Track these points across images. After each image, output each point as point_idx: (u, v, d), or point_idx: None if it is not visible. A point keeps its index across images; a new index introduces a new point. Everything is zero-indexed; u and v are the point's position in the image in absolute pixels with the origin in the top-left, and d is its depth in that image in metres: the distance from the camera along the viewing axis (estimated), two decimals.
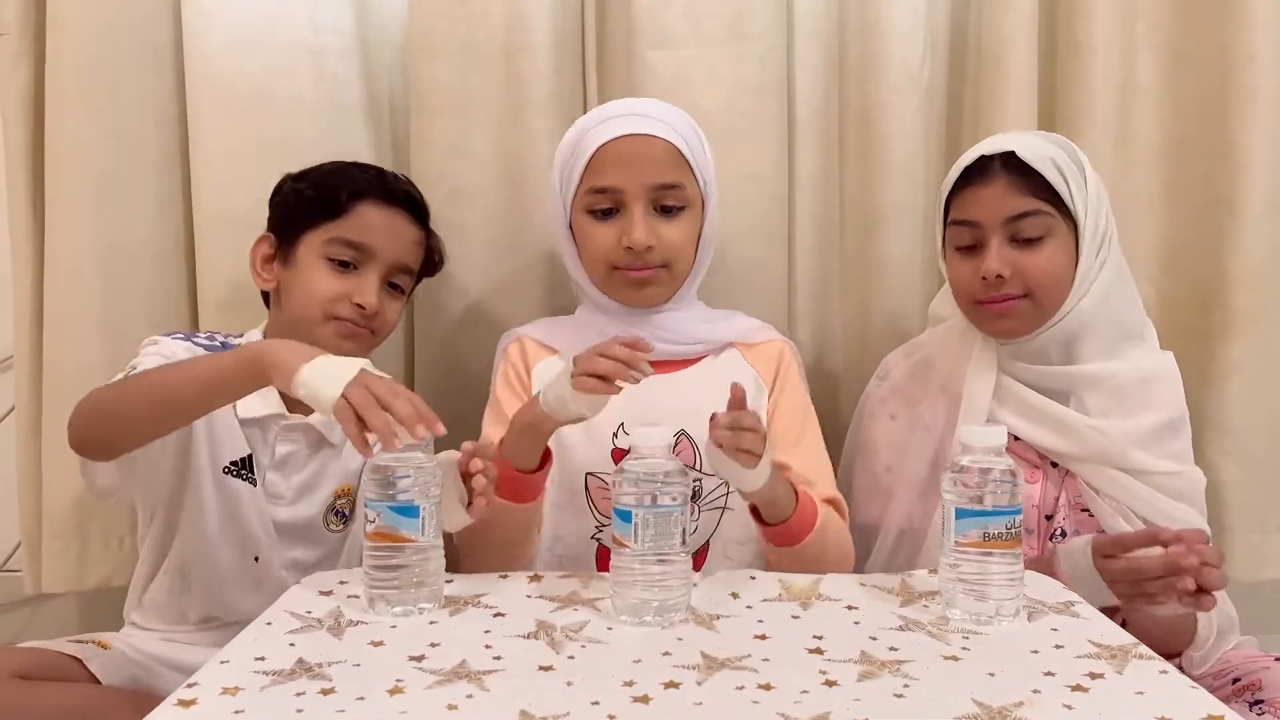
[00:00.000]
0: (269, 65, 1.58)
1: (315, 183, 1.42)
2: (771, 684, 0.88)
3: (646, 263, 1.35)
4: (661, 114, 1.36)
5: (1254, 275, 1.59)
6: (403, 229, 1.44)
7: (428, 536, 1.05)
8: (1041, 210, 1.30)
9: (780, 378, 1.41)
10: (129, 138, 1.55)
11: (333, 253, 1.39)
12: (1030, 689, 0.86)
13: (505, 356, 1.44)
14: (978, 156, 1.34)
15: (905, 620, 1.03)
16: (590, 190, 1.35)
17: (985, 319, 1.36)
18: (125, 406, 1.21)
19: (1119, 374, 1.35)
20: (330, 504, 1.44)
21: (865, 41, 1.62)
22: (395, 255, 1.42)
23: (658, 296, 1.39)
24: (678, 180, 1.35)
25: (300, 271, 1.39)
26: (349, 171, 1.44)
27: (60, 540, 1.59)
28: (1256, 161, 1.57)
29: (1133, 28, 1.62)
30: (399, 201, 1.44)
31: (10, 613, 1.85)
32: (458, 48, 1.58)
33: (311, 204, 1.40)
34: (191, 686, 0.87)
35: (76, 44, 1.52)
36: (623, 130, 1.33)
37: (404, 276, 1.45)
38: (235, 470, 1.37)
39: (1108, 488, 1.33)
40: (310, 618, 1.04)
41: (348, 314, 1.38)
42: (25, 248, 1.58)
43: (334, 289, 1.38)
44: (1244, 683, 1.29)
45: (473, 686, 0.87)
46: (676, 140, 1.34)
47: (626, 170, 1.33)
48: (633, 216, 1.33)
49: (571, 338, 1.39)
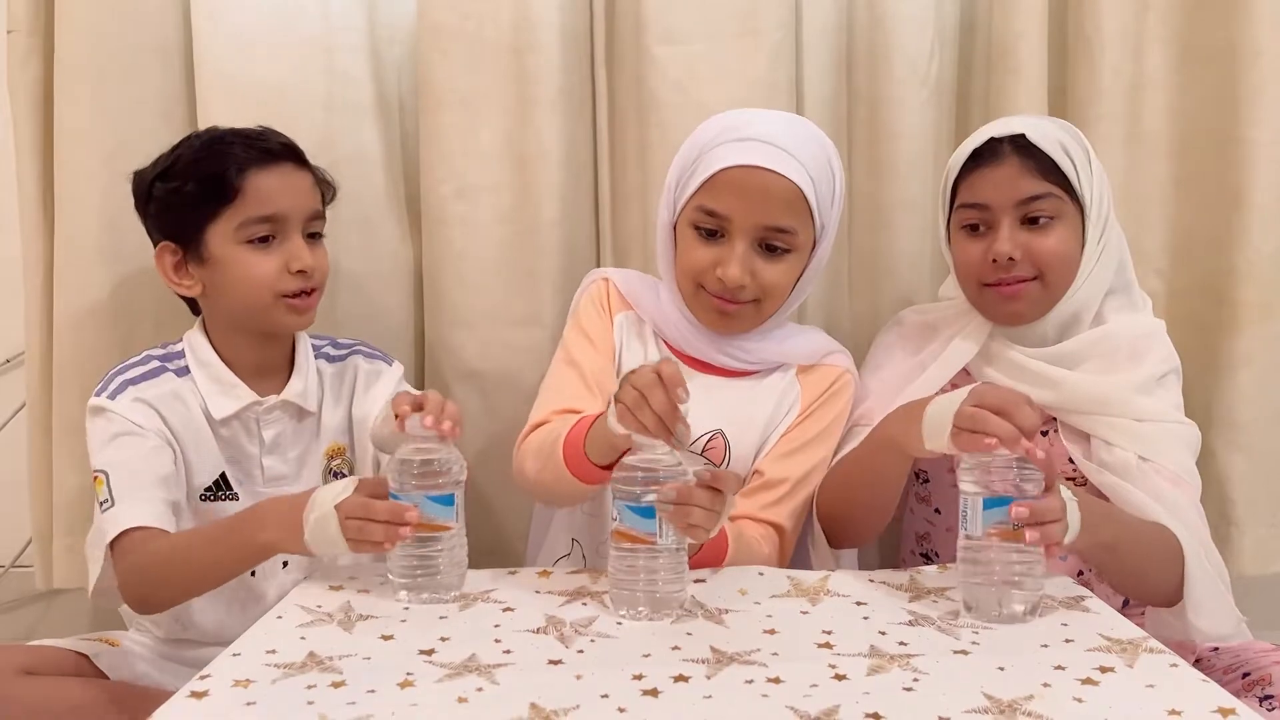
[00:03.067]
0: (278, 62, 1.58)
1: (191, 173, 1.34)
2: (781, 678, 0.88)
3: (736, 298, 1.31)
4: (798, 147, 1.28)
5: (1262, 269, 1.58)
6: (297, 180, 1.38)
7: (460, 523, 1.10)
8: (1052, 193, 1.29)
9: (820, 400, 1.38)
10: (138, 134, 1.55)
11: (249, 234, 1.33)
12: (1040, 682, 0.87)
13: (592, 291, 1.44)
14: (987, 139, 1.32)
15: (914, 615, 1.04)
16: (700, 208, 1.30)
17: (993, 303, 1.35)
18: (161, 589, 1.26)
19: (1109, 335, 1.34)
20: (326, 467, 1.44)
21: (873, 34, 1.61)
22: (304, 208, 1.37)
23: (737, 328, 1.36)
24: (791, 225, 1.29)
25: (224, 265, 1.34)
26: (217, 148, 1.36)
27: (70, 536, 1.59)
28: (1265, 156, 1.56)
29: (1143, 22, 1.61)
30: (280, 156, 1.37)
31: (23, 608, 1.85)
32: (467, 45, 1.58)
33: (199, 197, 1.33)
34: (204, 679, 0.88)
35: (86, 41, 1.52)
36: (750, 160, 1.26)
37: (317, 222, 1.41)
38: (212, 495, 1.37)
39: (1113, 436, 1.29)
40: (320, 611, 1.05)
41: (292, 286, 1.35)
42: (36, 244, 1.58)
43: (268, 267, 1.33)
44: (1254, 677, 1.29)
45: (483, 680, 0.88)
46: (803, 182, 1.27)
47: (741, 202, 1.27)
48: (734, 250, 1.28)
49: (653, 309, 1.40)
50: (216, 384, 1.36)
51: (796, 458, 1.35)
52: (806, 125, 1.36)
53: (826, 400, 1.38)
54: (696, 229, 1.31)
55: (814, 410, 1.38)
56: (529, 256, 1.61)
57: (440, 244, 1.62)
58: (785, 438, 1.36)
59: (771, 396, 1.38)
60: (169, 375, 1.36)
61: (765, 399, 1.38)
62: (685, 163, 1.34)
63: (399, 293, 1.67)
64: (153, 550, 1.23)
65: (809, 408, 1.38)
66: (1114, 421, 1.30)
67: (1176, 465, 1.29)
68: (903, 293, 1.64)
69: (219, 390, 1.36)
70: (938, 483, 1.44)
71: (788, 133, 1.30)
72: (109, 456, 1.29)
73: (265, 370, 1.40)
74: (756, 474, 1.35)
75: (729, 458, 1.35)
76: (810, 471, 1.35)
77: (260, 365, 1.39)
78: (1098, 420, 1.31)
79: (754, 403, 1.37)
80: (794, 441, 1.36)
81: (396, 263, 1.67)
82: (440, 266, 1.63)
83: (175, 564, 1.23)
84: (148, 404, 1.32)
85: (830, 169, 1.33)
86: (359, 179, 1.59)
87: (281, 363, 1.42)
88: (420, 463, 1.09)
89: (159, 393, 1.34)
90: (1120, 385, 1.31)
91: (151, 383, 1.34)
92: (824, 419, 1.38)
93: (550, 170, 1.58)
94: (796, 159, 1.27)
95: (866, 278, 1.67)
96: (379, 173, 1.64)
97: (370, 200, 1.62)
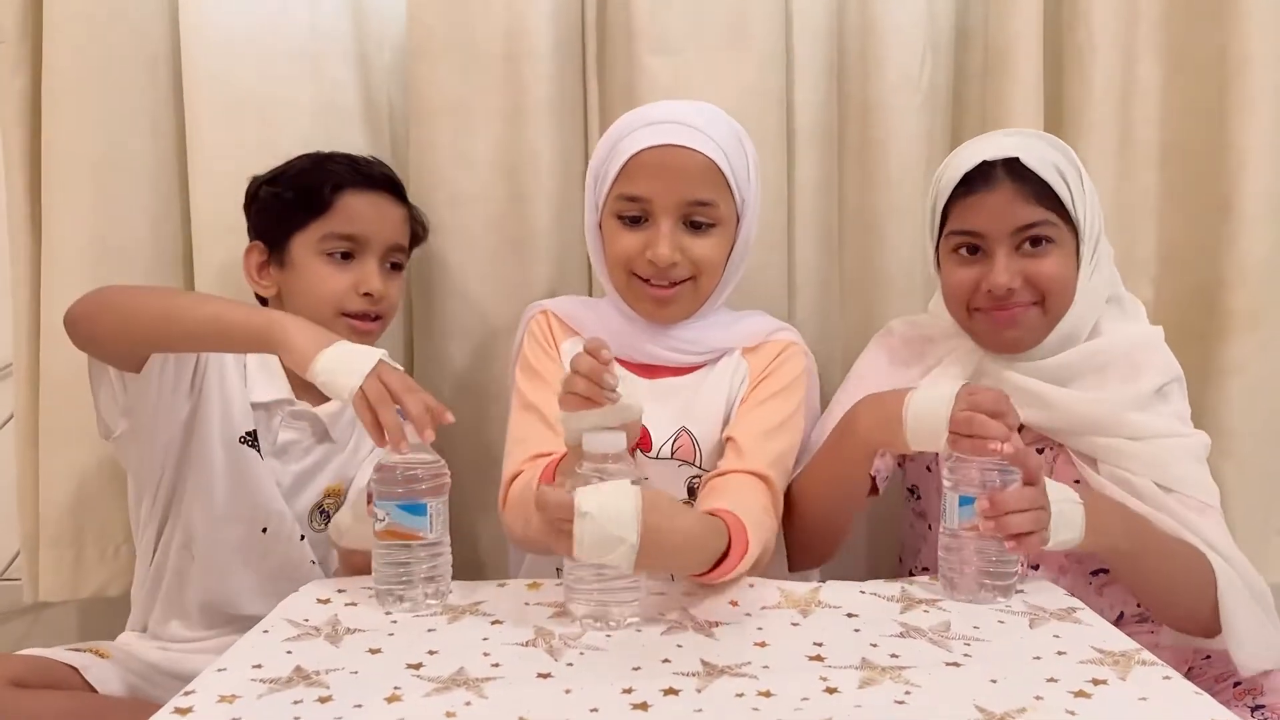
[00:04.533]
0: (267, 70, 1.57)
1: (292, 183, 1.43)
2: (772, 691, 0.87)
3: (670, 278, 1.32)
4: (705, 124, 1.31)
5: (1252, 277, 1.58)
6: (388, 210, 1.45)
7: (435, 533, 1.08)
8: (1048, 219, 1.26)
9: (769, 369, 1.38)
10: (126, 144, 1.55)
11: (329, 248, 1.40)
12: (1033, 695, 0.86)
13: (532, 328, 1.44)
14: (979, 162, 1.28)
15: (906, 627, 1.03)
16: (620, 196, 1.32)
17: (987, 330, 1.31)
18: (131, 312, 1.24)
19: (1103, 349, 1.32)
20: (318, 501, 1.44)
21: (865, 42, 1.61)
22: (387, 237, 1.44)
23: (678, 315, 1.37)
24: (711, 198, 1.30)
25: (300, 272, 1.40)
26: (323, 165, 1.44)
27: (56, 548, 1.58)
28: (1254, 164, 1.56)
29: (1135, 31, 1.61)
30: (378, 184, 1.45)
31: (11, 621, 1.84)
32: (457, 52, 1.57)
33: (294, 205, 1.41)
34: (189, 694, 0.87)
35: (73, 50, 1.52)
36: (660, 139, 1.29)
37: (399, 254, 1.48)
38: (249, 440, 1.38)
39: (1109, 457, 1.27)
40: (308, 625, 1.04)
41: (357, 307, 1.40)
42: (24, 254, 1.57)
43: (339, 283, 1.40)
44: (1245, 686, 1.29)
45: (471, 694, 0.87)
46: (716, 155, 1.29)
47: (659, 182, 1.29)
48: (660, 230, 1.30)
49: (595, 325, 1.39)
50: (264, 370, 1.40)
51: (759, 413, 1.34)
52: (715, 108, 1.36)
53: (776, 368, 1.38)
54: (620, 218, 1.33)
55: (765, 376, 1.37)
56: (520, 266, 1.60)
57: (431, 253, 1.61)
58: (744, 403, 1.36)
59: (724, 381, 1.38)
60: None
61: (719, 386, 1.38)
62: (600, 159, 1.36)
63: None
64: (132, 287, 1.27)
65: (759, 376, 1.37)
66: (1111, 442, 1.28)
67: (1195, 488, 1.27)
68: (895, 300, 1.63)
69: (265, 376, 1.39)
70: (930, 499, 1.42)
71: (694, 112, 1.32)
72: None
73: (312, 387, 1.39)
74: (727, 441, 1.33)
75: (699, 453, 1.35)
76: (780, 425, 1.33)
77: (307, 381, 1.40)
78: (1094, 442, 1.29)
79: (709, 392, 1.37)
80: (753, 401, 1.35)
81: None
82: (431, 276, 1.62)
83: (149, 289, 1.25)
84: None
85: (742, 145, 1.35)
86: None
87: None
88: (386, 467, 1.08)
89: None
90: (1113, 403, 1.28)
91: None
92: (780, 380, 1.37)
93: (541, 179, 1.58)
94: (705, 134, 1.30)
95: (858, 286, 1.67)
96: None
97: None
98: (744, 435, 1.31)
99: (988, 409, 1.10)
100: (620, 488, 1.00)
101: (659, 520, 1.00)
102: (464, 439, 1.55)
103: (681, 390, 1.38)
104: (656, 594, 1.11)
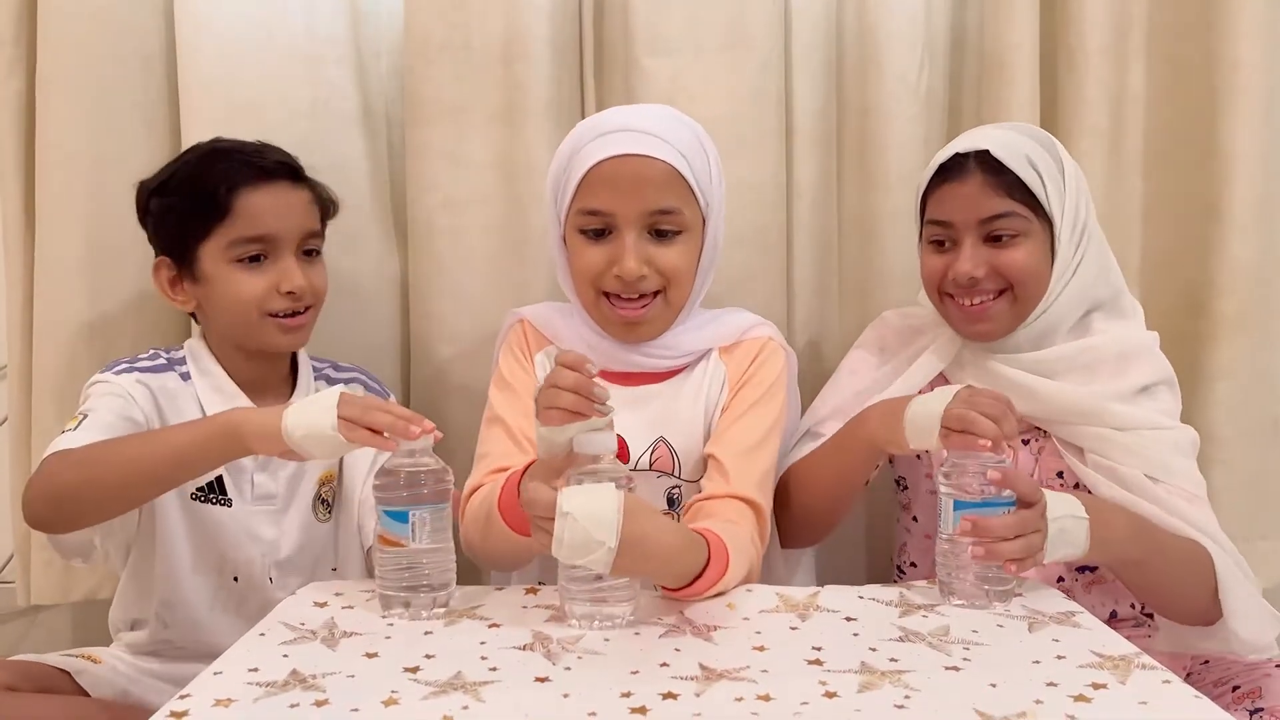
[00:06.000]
0: (262, 73, 1.57)
1: (183, 189, 1.34)
2: (771, 695, 0.87)
3: (639, 290, 1.29)
4: (663, 129, 1.27)
5: (1240, 281, 1.59)
6: (291, 198, 1.36)
7: (418, 542, 1.07)
8: (1015, 213, 1.27)
9: (749, 372, 1.35)
10: (121, 147, 1.54)
11: (239, 254, 1.32)
12: (1033, 699, 0.86)
13: (509, 336, 1.42)
14: (953, 154, 1.31)
15: (905, 631, 1.03)
16: (581, 211, 1.28)
17: (961, 321, 1.33)
18: (93, 483, 1.16)
19: (1092, 347, 1.32)
20: (316, 493, 1.43)
21: (863, 46, 1.62)
22: (297, 228, 1.36)
23: (648, 335, 1.34)
24: (674, 205, 1.27)
25: (215, 284, 1.34)
26: (212, 164, 1.34)
27: (47, 551, 1.57)
28: (1242, 168, 1.57)
29: (1127, 38, 1.62)
30: (274, 174, 1.35)
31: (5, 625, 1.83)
32: (455, 55, 1.57)
33: (190, 214, 1.32)
34: (184, 698, 0.86)
35: (68, 52, 1.51)
36: (618, 149, 1.25)
37: (313, 240, 1.40)
38: (204, 496, 1.35)
39: (1095, 446, 1.28)
40: (304, 629, 1.03)
41: (282, 306, 1.34)
42: (17, 258, 1.57)
43: (257, 287, 1.33)
44: (1243, 690, 1.29)
45: (468, 698, 0.87)
46: (676, 160, 1.26)
47: (619, 194, 1.26)
48: (624, 243, 1.26)
49: (570, 334, 1.37)
50: (219, 394, 1.36)
51: (741, 426, 1.31)
52: (669, 110, 1.33)
53: (755, 370, 1.35)
54: (583, 233, 1.30)
55: (745, 381, 1.35)
56: (518, 269, 1.60)
57: (427, 256, 1.61)
58: (725, 414, 1.34)
59: (701, 387, 1.35)
60: (173, 375, 1.36)
61: (696, 392, 1.35)
62: (557, 172, 1.32)
63: (385, 306, 1.66)
64: (77, 455, 1.17)
65: (739, 381, 1.35)
66: (1097, 431, 1.28)
67: (1182, 479, 1.27)
68: (893, 303, 1.62)
69: (221, 400, 1.35)
70: (915, 490, 1.43)
71: (649, 118, 1.29)
72: (93, 404, 1.28)
73: (264, 387, 1.39)
74: (710, 459, 1.31)
75: (678, 463, 1.33)
76: (763, 439, 1.31)
77: (258, 381, 1.39)
78: (1080, 431, 1.29)
79: (686, 399, 1.35)
80: (734, 413, 1.33)
81: (382, 275, 1.66)
82: (427, 279, 1.62)
83: (97, 458, 1.16)
84: (148, 388, 1.32)
85: (702, 146, 1.31)
86: (344, 190, 1.57)
87: (279, 380, 1.42)
88: (381, 472, 1.09)
89: (161, 385, 1.34)
90: (1097, 394, 1.29)
91: (155, 375, 1.34)
92: (760, 385, 1.34)
93: (539, 181, 1.56)
94: (663, 139, 1.26)
95: (856, 289, 1.67)
96: (364, 183, 1.63)
97: (355, 212, 1.60)
98: (727, 454, 1.28)
99: (984, 410, 1.10)
100: (603, 490, 1.00)
101: (640, 527, 1.00)
102: (459, 443, 1.54)
103: (659, 397, 1.36)
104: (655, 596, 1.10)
